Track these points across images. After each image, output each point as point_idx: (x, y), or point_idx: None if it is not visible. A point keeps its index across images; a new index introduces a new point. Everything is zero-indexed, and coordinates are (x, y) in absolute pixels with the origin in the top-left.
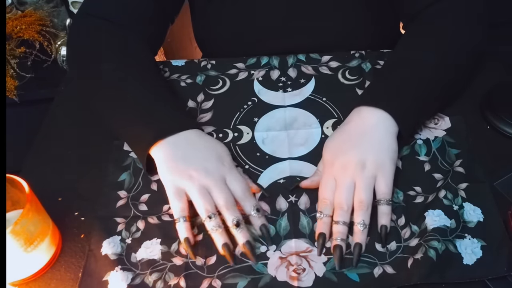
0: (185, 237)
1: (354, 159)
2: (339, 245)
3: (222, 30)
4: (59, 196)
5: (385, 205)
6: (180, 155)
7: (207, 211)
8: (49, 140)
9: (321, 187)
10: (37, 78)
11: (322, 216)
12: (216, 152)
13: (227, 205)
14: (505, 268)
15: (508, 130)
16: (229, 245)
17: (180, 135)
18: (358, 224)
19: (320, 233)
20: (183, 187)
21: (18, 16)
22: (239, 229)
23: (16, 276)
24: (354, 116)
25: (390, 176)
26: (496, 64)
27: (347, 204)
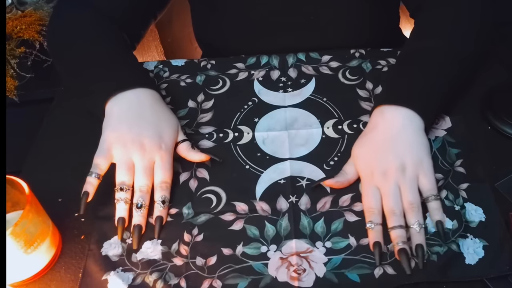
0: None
1: (393, 165)
2: (403, 248)
3: (222, 28)
4: (59, 197)
5: (434, 201)
6: (127, 118)
7: (122, 183)
8: (49, 140)
9: (365, 197)
10: (37, 78)
11: (373, 225)
12: (160, 130)
13: (141, 188)
14: (507, 267)
15: (508, 130)
16: (124, 220)
17: (136, 92)
18: (414, 225)
19: (375, 242)
20: (112, 149)
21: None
22: (138, 211)
23: (16, 278)
24: (378, 118)
25: (431, 171)
26: (496, 65)
27: (398, 209)
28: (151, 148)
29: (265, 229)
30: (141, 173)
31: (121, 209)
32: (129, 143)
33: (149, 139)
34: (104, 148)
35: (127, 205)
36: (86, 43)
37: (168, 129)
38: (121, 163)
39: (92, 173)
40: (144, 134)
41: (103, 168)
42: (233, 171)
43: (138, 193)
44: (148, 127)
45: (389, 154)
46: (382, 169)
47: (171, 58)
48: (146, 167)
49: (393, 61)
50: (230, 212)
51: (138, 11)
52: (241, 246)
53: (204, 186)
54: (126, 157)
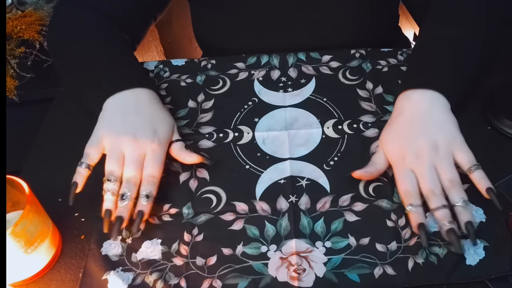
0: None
1: (425, 145)
2: (452, 228)
3: (222, 28)
4: (59, 197)
5: (477, 170)
6: (122, 113)
7: (110, 173)
8: (49, 140)
9: (400, 181)
10: (37, 78)
11: (414, 208)
12: (154, 126)
13: (129, 179)
14: (508, 268)
15: (508, 130)
16: (110, 212)
17: (134, 92)
18: (459, 203)
19: (419, 224)
20: (104, 139)
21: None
22: (122, 202)
23: (16, 278)
24: (404, 103)
25: (466, 145)
26: (496, 65)
27: (437, 188)
28: (143, 140)
29: (265, 229)
30: (131, 165)
31: (108, 200)
32: (122, 134)
33: (142, 131)
34: (95, 138)
35: (115, 196)
36: (86, 44)
37: (164, 125)
38: (111, 153)
39: (82, 163)
40: (137, 126)
41: (94, 159)
42: (233, 171)
43: (125, 184)
44: (142, 121)
45: (420, 135)
46: (414, 151)
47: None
48: (136, 159)
49: (393, 61)
50: (230, 212)
51: (138, 12)
52: (241, 246)
53: (204, 186)
54: (117, 148)
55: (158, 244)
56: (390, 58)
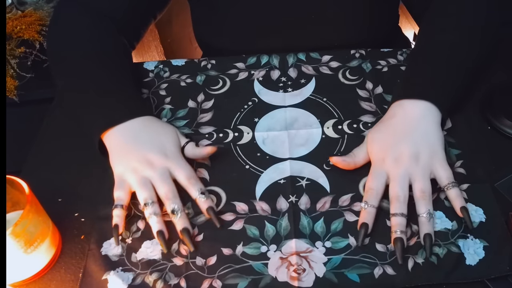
0: (115, 223)
1: (407, 152)
2: (400, 238)
3: (222, 28)
4: (59, 197)
5: (454, 188)
6: (125, 147)
7: (144, 199)
8: (49, 140)
9: (370, 178)
10: (37, 78)
11: (367, 206)
12: (160, 141)
13: (167, 195)
14: (508, 267)
15: (508, 130)
16: (163, 233)
17: (128, 124)
18: (423, 214)
19: (362, 223)
20: (126, 178)
21: (18, 16)
22: (176, 217)
23: (16, 277)
24: (397, 109)
25: (445, 161)
26: (496, 65)
27: (403, 194)
28: (158, 160)
29: (265, 229)
30: (160, 183)
31: (155, 222)
32: (137, 165)
33: (153, 153)
34: (118, 181)
35: (159, 217)
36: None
37: (167, 137)
38: (138, 185)
39: (116, 206)
40: (146, 151)
41: (125, 199)
42: (233, 171)
43: (167, 201)
44: (147, 144)
45: (404, 141)
46: (394, 155)
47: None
48: (161, 175)
49: (393, 61)
50: (230, 212)
51: (138, 11)
52: (241, 246)
53: (204, 186)
54: (140, 178)
55: (158, 244)
56: (390, 58)
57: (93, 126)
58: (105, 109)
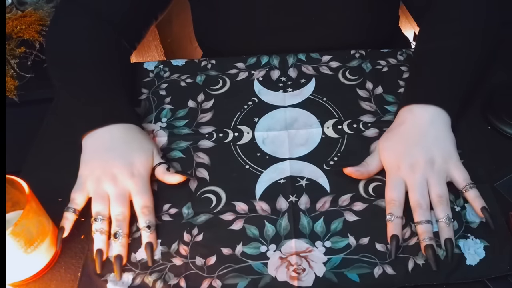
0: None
1: (421, 158)
2: (430, 245)
3: (222, 28)
4: (59, 197)
5: (472, 189)
6: (97, 153)
7: (96, 213)
8: (49, 140)
9: (388, 188)
10: (37, 78)
11: (393, 218)
12: (131, 159)
13: (117, 217)
14: (508, 267)
15: (508, 130)
16: (102, 252)
17: (107, 129)
18: (443, 219)
19: (392, 235)
20: (87, 184)
21: (18, 16)
22: (116, 241)
23: (16, 277)
24: (406, 114)
25: (460, 163)
26: (496, 65)
27: (425, 202)
28: (122, 176)
29: (265, 229)
30: (115, 202)
31: (98, 240)
32: (101, 176)
33: (119, 169)
34: (79, 183)
35: (104, 235)
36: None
37: (140, 156)
38: (95, 195)
39: (69, 208)
40: (114, 164)
41: (79, 203)
42: (233, 171)
43: (115, 222)
44: (117, 158)
45: (418, 147)
46: (409, 162)
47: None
48: (119, 195)
49: (393, 61)
50: (229, 212)
51: (139, 12)
52: (240, 246)
53: (204, 186)
54: (99, 189)
55: (158, 244)
56: (390, 58)
57: (76, 128)
58: (86, 113)
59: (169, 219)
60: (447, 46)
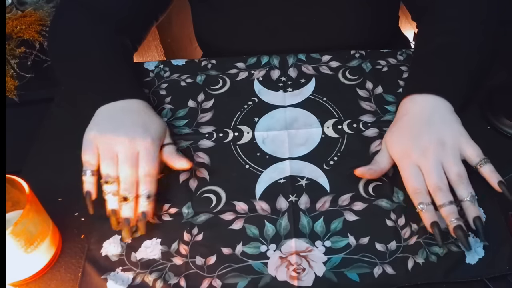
0: (87, 190)
1: (431, 141)
2: (459, 225)
3: (222, 28)
4: (59, 197)
5: (486, 164)
6: (112, 117)
7: (107, 176)
8: (49, 140)
9: (407, 179)
10: (37, 78)
11: (425, 206)
12: (146, 125)
13: (124, 179)
14: (507, 267)
15: (508, 130)
16: (116, 211)
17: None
18: (467, 198)
19: (432, 223)
20: (96, 142)
21: (18, 16)
22: (126, 203)
23: (16, 277)
24: (408, 105)
25: (471, 139)
26: (496, 65)
27: (443, 183)
28: (135, 138)
29: (265, 229)
30: (125, 163)
31: (111, 201)
32: (112, 133)
33: (133, 130)
34: (88, 142)
35: (116, 196)
36: (83, 54)
37: (155, 125)
38: (105, 155)
39: (86, 172)
40: (128, 126)
41: (94, 163)
42: (233, 170)
43: (123, 185)
44: (133, 121)
45: (425, 132)
46: (420, 148)
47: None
48: (129, 156)
49: (393, 61)
50: (230, 211)
51: (140, 13)
52: (240, 245)
53: (204, 185)
54: (109, 148)
55: (158, 244)
56: (390, 58)
57: (90, 102)
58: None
59: (169, 219)
60: (447, 43)
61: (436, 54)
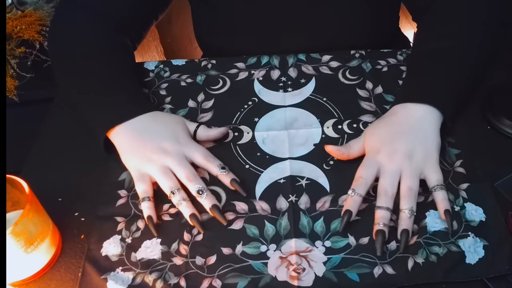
0: (148, 215)
1: (402, 149)
2: (382, 230)
3: (222, 28)
4: (59, 197)
5: (441, 190)
6: (137, 140)
7: (170, 187)
8: (49, 140)
9: (362, 167)
10: (37, 78)
11: (354, 194)
12: (171, 130)
13: (188, 177)
14: (507, 267)
15: (508, 130)
16: (196, 215)
17: (137, 119)
18: (406, 210)
19: (346, 210)
20: (145, 171)
21: (18, 16)
22: (203, 196)
23: (16, 277)
24: (399, 108)
25: (438, 165)
26: (496, 65)
27: (392, 190)
28: (172, 147)
29: (265, 229)
30: (179, 168)
31: (185, 208)
32: (153, 156)
33: (165, 142)
34: (138, 175)
35: (189, 202)
36: (84, 60)
37: (177, 126)
38: (158, 174)
39: (144, 199)
40: (158, 141)
41: (149, 190)
42: (233, 170)
43: (190, 183)
44: (158, 135)
45: (402, 138)
46: (390, 150)
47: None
48: (179, 160)
49: (393, 61)
50: (229, 211)
51: (139, 12)
52: (240, 245)
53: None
54: (159, 167)
55: (158, 244)
56: (390, 58)
57: (99, 124)
58: (109, 107)
59: (169, 219)
60: (445, 47)
61: (435, 59)
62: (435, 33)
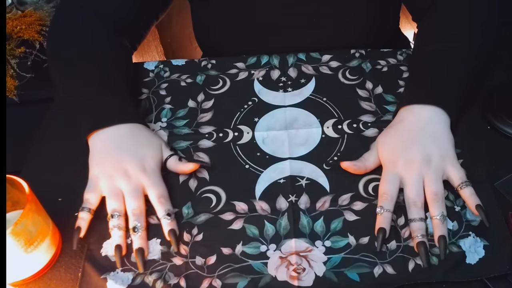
0: (78, 226)
1: (419, 155)
2: (423, 241)
3: (222, 28)
4: (59, 197)
5: (467, 187)
6: (106, 151)
7: (113, 210)
8: (49, 140)
9: (383, 182)
10: (37, 78)
11: (382, 211)
12: (141, 154)
13: (133, 211)
14: (507, 267)
15: (508, 130)
16: (121, 248)
17: (114, 128)
18: (437, 217)
19: (380, 228)
20: (99, 183)
21: (18, 16)
22: (136, 234)
23: (16, 277)
24: (406, 113)
25: (457, 162)
26: (496, 65)
27: (420, 199)
28: (134, 172)
29: (265, 229)
30: (130, 197)
31: (116, 236)
32: (113, 173)
33: (131, 165)
34: (91, 183)
35: (121, 231)
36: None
37: (150, 151)
38: (109, 193)
39: (84, 208)
40: (125, 161)
41: (93, 202)
42: (233, 170)
43: (132, 217)
44: (128, 155)
45: (416, 145)
46: (407, 159)
47: (171, 58)
48: (133, 190)
49: (393, 61)
50: (229, 211)
51: (140, 12)
52: (240, 245)
53: (204, 185)
54: (112, 186)
55: (158, 244)
56: (390, 58)
57: (81, 126)
58: (94, 112)
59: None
60: (447, 48)
61: (436, 61)
62: (436, 34)
